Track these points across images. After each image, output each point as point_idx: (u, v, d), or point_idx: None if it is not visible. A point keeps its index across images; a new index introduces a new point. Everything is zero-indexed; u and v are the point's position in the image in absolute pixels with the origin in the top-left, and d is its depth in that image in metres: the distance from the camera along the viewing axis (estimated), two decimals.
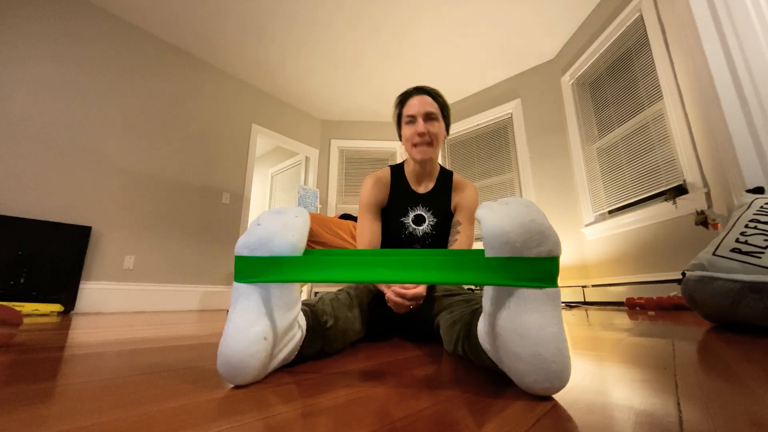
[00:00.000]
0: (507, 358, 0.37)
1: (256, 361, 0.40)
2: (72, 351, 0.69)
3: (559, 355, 0.35)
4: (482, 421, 0.29)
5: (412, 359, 0.61)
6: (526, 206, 0.38)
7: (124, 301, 2.77)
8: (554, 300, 0.37)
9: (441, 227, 1.02)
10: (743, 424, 0.27)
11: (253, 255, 0.43)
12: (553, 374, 0.35)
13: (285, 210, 0.46)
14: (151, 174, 3.07)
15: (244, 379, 0.40)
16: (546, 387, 0.35)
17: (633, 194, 2.63)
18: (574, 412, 0.32)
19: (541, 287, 0.36)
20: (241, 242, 0.44)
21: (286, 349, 0.48)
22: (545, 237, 0.36)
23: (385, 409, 0.33)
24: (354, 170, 4.76)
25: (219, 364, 0.40)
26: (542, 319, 0.36)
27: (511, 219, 0.37)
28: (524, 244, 0.36)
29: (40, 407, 0.33)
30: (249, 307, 0.42)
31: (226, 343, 0.40)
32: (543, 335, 0.35)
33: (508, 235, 0.36)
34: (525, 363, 0.35)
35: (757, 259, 0.93)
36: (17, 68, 2.49)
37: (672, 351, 0.63)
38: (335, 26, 3.21)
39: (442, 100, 0.99)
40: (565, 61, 3.44)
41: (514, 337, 0.36)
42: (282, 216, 0.45)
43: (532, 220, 0.37)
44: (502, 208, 0.39)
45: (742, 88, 1.62)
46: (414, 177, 1.03)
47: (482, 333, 0.44)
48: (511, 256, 0.36)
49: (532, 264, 0.36)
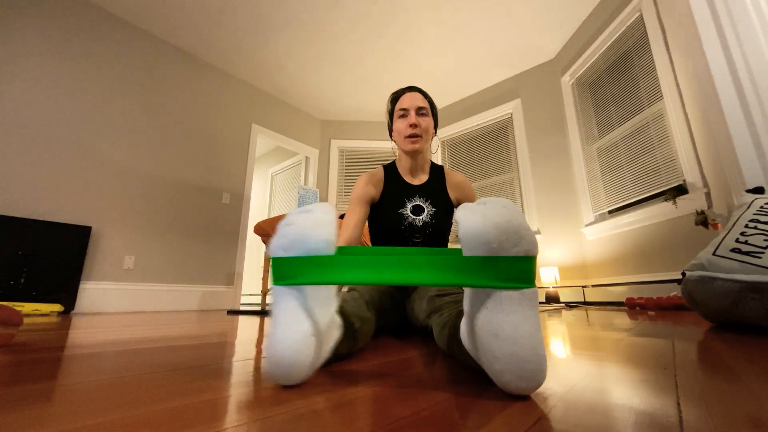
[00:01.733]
0: (485, 358, 0.38)
1: (305, 358, 0.40)
2: (72, 351, 0.69)
3: (535, 354, 0.35)
4: (482, 422, 0.29)
5: (410, 359, 0.61)
6: (504, 206, 0.38)
7: (124, 301, 2.77)
8: (531, 300, 0.37)
9: (440, 216, 1.05)
10: (743, 424, 0.27)
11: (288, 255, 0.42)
12: (528, 373, 0.35)
13: (313, 208, 0.46)
14: (151, 174, 3.07)
15: (295, 379, 0.40)
16: (521, 386, 0.35)
17: (633, 194, 2.63)
18: (574, 412, 0.32)
19: (517, 288, 0.36)
20: (274, 244, 0.43)
21: (329, 345, 0.48)
22: (521, 237, 0.36)
23: (384, 409, 0.33)
24: (354, 170, 4.76)
25: (269, 365, 0.40)
26: (518, 319, 0.36)
27: (487, 219, 0.37)
28: (501, 245, 0.36)
29: (40, 407, 0.33)
30: (292, 306, 0.42)
31: (275, 345, 0.40)
32: (518, 335, 0.35)
33: (485, 235, 0.36)
34: (501, 362, 0.36)
35: (757, 259, 0.93)
36: (17, 68, 2.49)
37: (672, 351, 0.63)
38: (335, 26, 3.21)
39: (431, 100, 1.09)
40: (565, 61, 3.44)
41: (490, 337, 0.36)
42: (312, 214, 0.45)
43: (509, 221, 0.37)
44: (479, 208, 0.39)
45: (742, 88, 1.62)
46: (407, 170, 1.09)
47: (463, 334, 0.45)
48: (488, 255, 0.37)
49: (508, 264, 0.36)
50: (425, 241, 1.05)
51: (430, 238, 1.05)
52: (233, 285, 3.50)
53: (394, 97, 1.08)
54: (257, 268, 5.26)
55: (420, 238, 1.04)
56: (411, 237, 1.04)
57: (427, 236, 1.05)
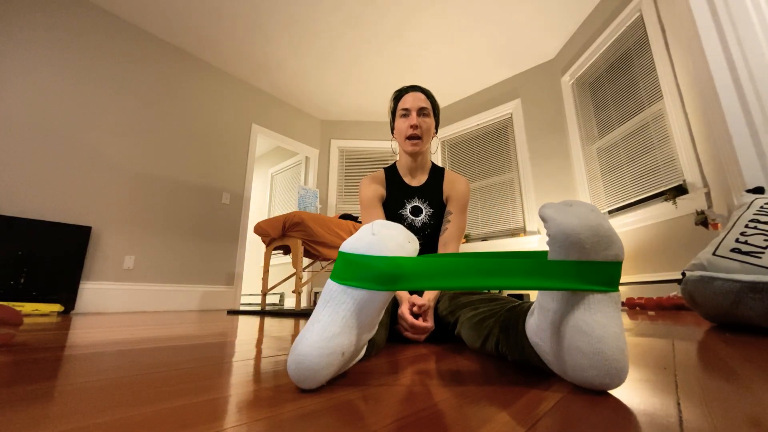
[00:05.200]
0: (569, 354, 0.39)
1: (328, 372, 0.40)
2: (72, 351, 0.69)
3: (621, 353, 0.37)
4: (482, 422, 0.29)
5: (409, 359, 0.61)
6: (592, 210, 0.39)
7: (124, 301, 2.77)
8: (616, 302, 0.39)
9: (439, 217, 1.06)
10: (743, 424, 0.27)
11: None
12: (614, 371, 0.36)
13: (400, 230, 0.46)
14: (151, 174, 3.07)
15: (310, 386, 0.40)
16: (606, 383, 0.37)
17: (633, 194, 2.63)
18: (574, 411, 0.32)
19: (606, 291, 0.38)
20: (351, 242, 0.43)
21: (353, 363, 0.48)
22: (612, 242, 0.38)
23: (384, 409, 0.33)
24: (354, 170, 4.76)
25: (290, 363, 0.39)
26: (605, 319, 0.38)
27: (580, 221, 0.38)
28: (593, 247, 0.37)
29: (40, 407, 0.33)
30: (336, 316, 0.41)
31: (303, 348, 0.39)
32: (606, 334, 0.37)
33: (578, 236, 0.37)
34: (587, 358, 0.37)
35: (757, 259, 0.93)
36: (17, 68, 2.49)
37: (672, 351, 0.63)
38: (335, 26, 3.21)
39: (434, 100, 1.08)
40: (565, 61, 3.44)
41: (579, 335, 0.38)
42: (398, 236, 0.44)
43: (600, 224, 0.38)
44: (568, 209, 0.39)
45: (742, 88, 1.62)
46: (407, 171, 1.10)
47: (534, 329, 0.45)
48: (579, 258, 0.38)
49: (600, 268, 0.38)
50: (425, 242, 1.05)
51: (429, 239, 1.05)
52: (233, 285, 3.50)
53: (397, 96, 1.08)
54: (257, 268, 5.26)
55: (420, 239, 1.04)
56: None
57: (427, 237, 1.05)
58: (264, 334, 1.03)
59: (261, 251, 5.28)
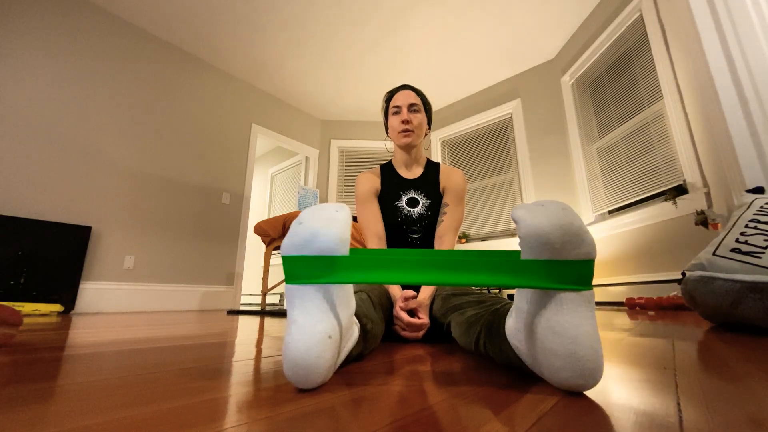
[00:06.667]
0: (542, 355, 0.39)
1: (323, 361, 0.40)
2: (72, 351, 0.69)
3: (594, 353, 0.36)
4: (482, 422, 0.29)
5: (409, 359, 0.61)
6: (563, 209, 0.39)
7: (124, 301, 2.77)
8: (589, 301, 0.38)
9: (435, 208, 1.07)
10: (743, 424, 0.27)
11: (300, 254, 0.42)
12: (587, 371, 0.36)
13: (325, 206, 0.46)
14: (151, 174, 3.07)
15: (314, 382, 0.39)
16: (580, 384, 0.37)
17: (633, 194, 2.63)
18: (574, 411, 0.32)
19: (578, 290, 0.38)
20: (286, 244, 0.43)
21: (347, 347, 0.48)
22: (583, 240, 0.37)
23: (384, 409, 0.33)
24: (354, 170, 4.76)
25: (286, 368, 0.39)
26: (578, 319, 0.37)
27: (550, 220, 0.37)
28: (563, 246, 0.37)
29: (40, 407, 0.33)
30: (308, 306, 0.41)
31: (291, 347, 0.39)
32: (579, 334, 0.36)
33: (547, 236, 0.37)
34: (561, 360, 0.37)
35: (757, 259, 0.93)
36: (17, 68, 2.49)
37: (672, 351, 0.63)
38: (335, 26, 3.21)
39: (424, 97, 1.12)
40: (565, 61, 3.44)
41: (551, 336, 0.38)
42: (323, 211, 0.44)
43: (570, 223, 0.37)
44: (539, 209, 0.39)
45: (742, 88, 1.62)
46: (402, 165, 1.12)
47: (512, 330, 0.45)
48: (550, 257, 0.37)
49: (570, 267, 0.37)
50: (423, 234, 1.05)
51: (427, 230, 1.05)
52: (233, 285, 3.50)
53: (389, 96, 1.11)
54: (257, 268, 5.26)
55: (418, 232, 1.05)
56: (408, 230, 1.05)
57: (424, 228, 1.05)
58: (264, 334, 1.03)
59: (261, 251, 5.28)
